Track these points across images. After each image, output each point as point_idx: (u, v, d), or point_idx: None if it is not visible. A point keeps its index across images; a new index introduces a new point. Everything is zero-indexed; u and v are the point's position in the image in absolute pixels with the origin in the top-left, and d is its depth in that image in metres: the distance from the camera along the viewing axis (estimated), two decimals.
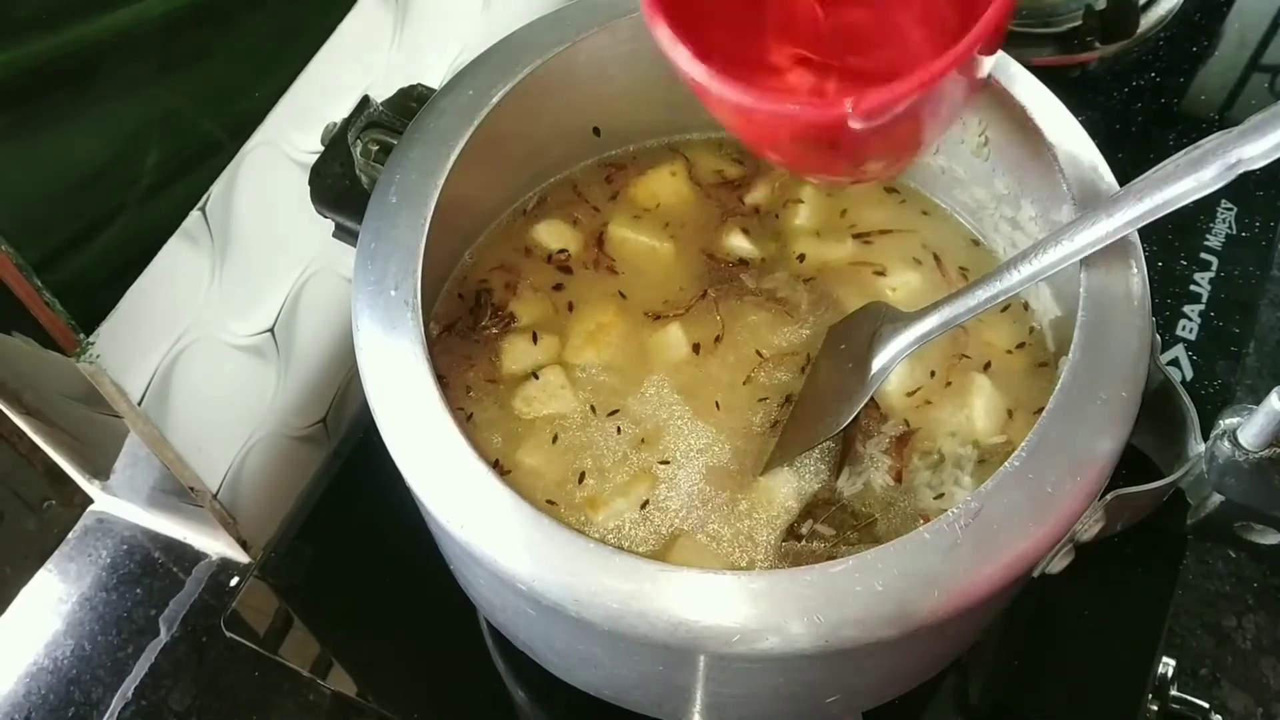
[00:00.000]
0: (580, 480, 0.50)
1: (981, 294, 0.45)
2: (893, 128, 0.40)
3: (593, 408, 0.52)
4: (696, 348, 0.54)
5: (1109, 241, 0.43)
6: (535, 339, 0.54)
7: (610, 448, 0.51)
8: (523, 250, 0.58)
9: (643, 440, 0.51)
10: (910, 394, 0.52)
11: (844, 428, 0.49)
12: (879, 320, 0.50)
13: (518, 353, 0.54)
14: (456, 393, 0.53)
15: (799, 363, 0.54)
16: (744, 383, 0.53)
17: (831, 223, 0.59)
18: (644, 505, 0.49)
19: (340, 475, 0.69)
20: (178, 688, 0.63)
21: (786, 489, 0.50)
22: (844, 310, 0.54)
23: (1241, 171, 0.39)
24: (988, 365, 0.53)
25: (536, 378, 0.53)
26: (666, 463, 0.51)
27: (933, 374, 0.52)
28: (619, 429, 0.52)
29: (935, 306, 0.47)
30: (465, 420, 0.52)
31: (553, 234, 0.58)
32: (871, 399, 0.49)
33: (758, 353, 0.54)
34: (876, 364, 0.48)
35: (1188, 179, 0.40)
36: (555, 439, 0.51)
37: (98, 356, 0.51)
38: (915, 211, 0.59)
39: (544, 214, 0.59)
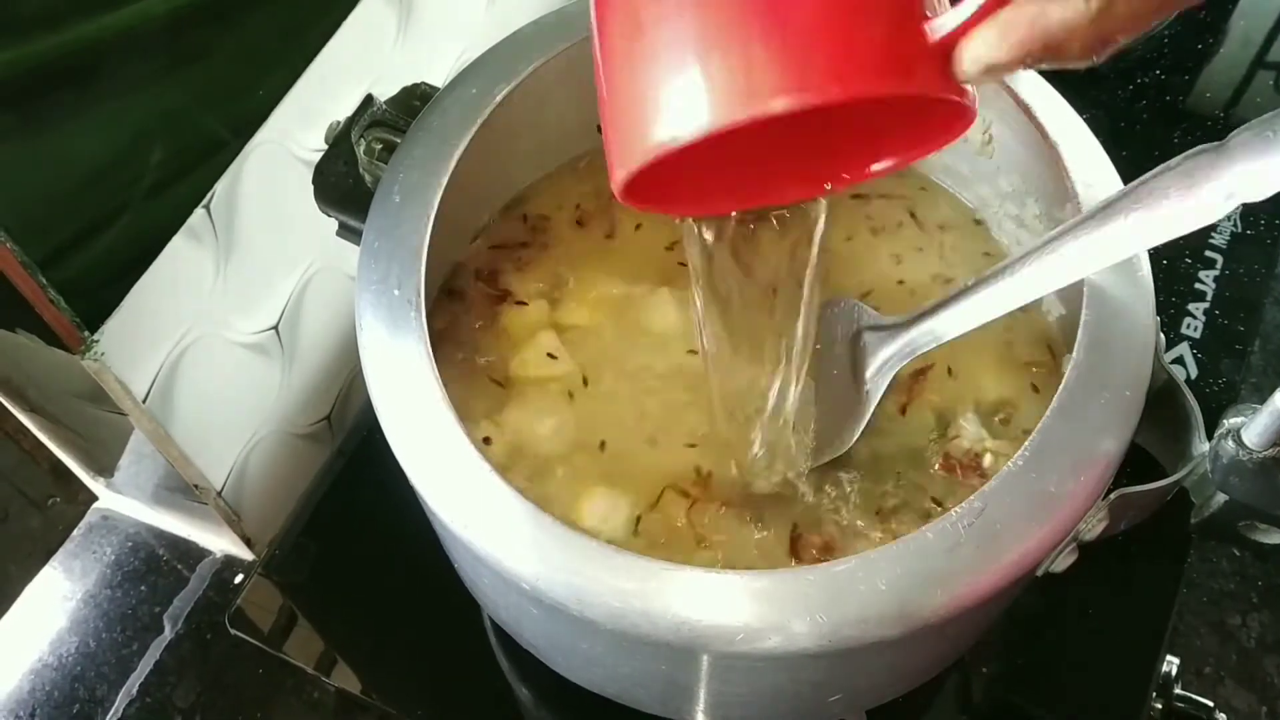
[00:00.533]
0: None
1: (970, 313, 0.44)
2: None
3: (586, 380, 0.52)
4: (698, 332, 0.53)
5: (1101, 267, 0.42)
6: (533, 313, 0.54)
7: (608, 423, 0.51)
8: (524, 231, 0.58)
9: (641, 418, 0.51)
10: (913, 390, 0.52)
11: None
12: (855, 321, 0.49)
13: (516, 327, 0.54)
14: (454, 383, 0.52)
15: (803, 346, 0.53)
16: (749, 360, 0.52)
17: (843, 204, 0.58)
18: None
19: (344, 473, 0.69)
20: (182, 684, 0.63)
21: (794, 469, 0.49)
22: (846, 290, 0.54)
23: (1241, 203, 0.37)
24: (990, 363, 0.53)
25: (542, 354, 0.53)
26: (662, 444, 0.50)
27: (933, 365, 0.52)
28: (615, 405, 0.51)
29: (919, 318, 0.46)
30: (466, 416, 0.52)
31: (554, 210, 0.58)
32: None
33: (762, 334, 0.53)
34: (869, 380, 0.48)
35: (1190, 217, 0.37)
36: (555, 421, 0.51)
37: (102, 354, 0.51)
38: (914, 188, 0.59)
39: (548, 201, 0.59)
